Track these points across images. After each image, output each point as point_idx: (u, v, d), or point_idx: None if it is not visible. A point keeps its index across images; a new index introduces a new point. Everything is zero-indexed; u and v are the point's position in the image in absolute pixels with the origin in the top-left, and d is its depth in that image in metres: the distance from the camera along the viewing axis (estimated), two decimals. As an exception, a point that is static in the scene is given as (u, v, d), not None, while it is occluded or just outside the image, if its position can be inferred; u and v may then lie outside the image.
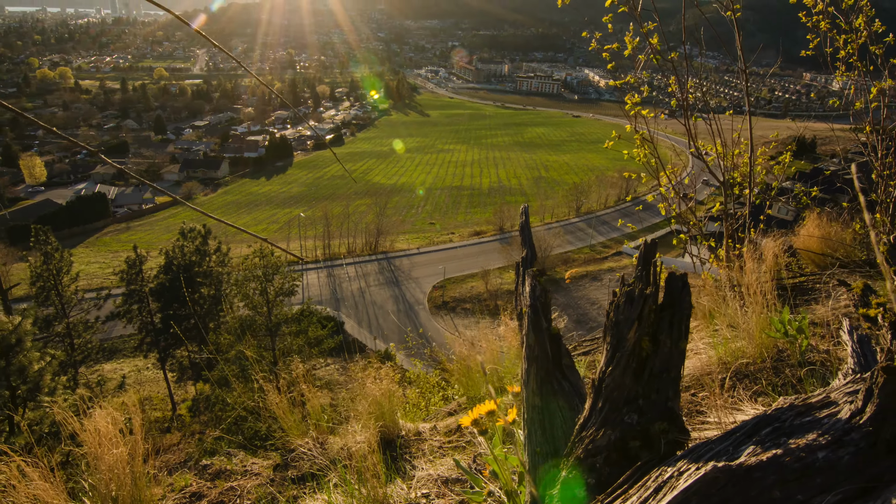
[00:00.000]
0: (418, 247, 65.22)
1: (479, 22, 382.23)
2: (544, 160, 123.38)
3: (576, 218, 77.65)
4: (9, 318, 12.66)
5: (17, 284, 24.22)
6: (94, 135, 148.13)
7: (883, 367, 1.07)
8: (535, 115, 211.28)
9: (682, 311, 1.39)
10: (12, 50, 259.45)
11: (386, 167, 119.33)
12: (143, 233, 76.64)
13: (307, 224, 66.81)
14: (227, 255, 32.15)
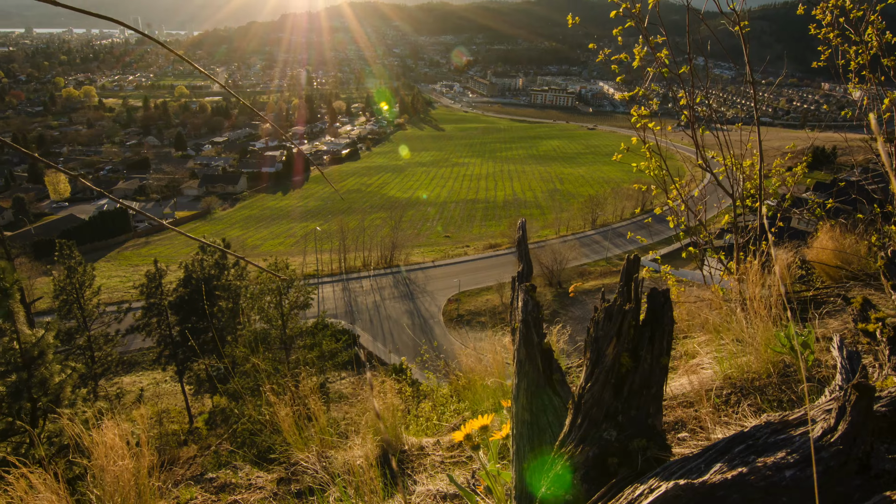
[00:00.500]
0: (433, 260, 65.31)
1: (492, 37, 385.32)
2: (559, 173, 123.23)
3: (591, 230, 77.20)
4: (31, 331, 12.91)
5: (41, 298, 24.74)
6: (116, 151, 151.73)
7: (855, 385, 1.06)
8: (549, 127, 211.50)
9: (663, 327, 1.38)
10: (39, 70, 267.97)
11: (401, 181, 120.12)
12: (162, 247, 77.93)
13: (323, 238, 67.39)
14: (244, 268, 32.51)
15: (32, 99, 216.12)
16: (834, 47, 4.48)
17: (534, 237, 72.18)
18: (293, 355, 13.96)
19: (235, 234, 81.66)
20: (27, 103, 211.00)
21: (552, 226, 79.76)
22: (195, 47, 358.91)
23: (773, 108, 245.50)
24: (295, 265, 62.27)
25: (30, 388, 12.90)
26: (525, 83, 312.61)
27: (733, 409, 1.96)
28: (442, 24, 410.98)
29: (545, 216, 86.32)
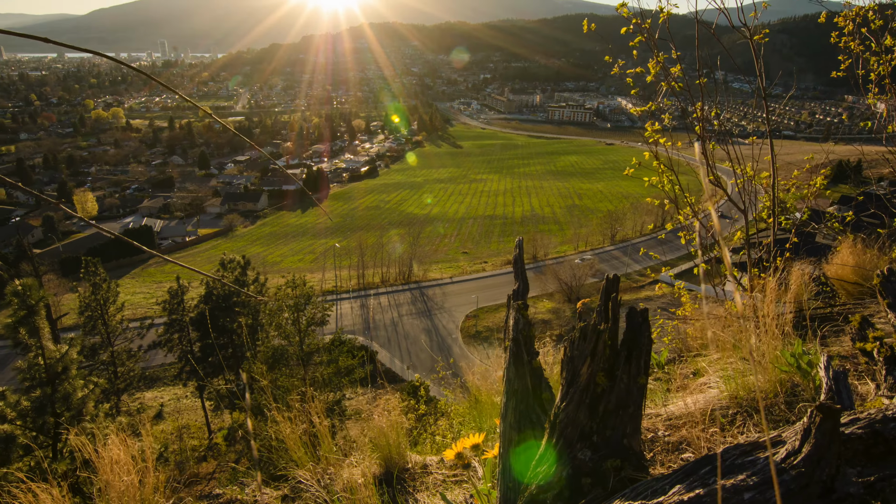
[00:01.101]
0: (451, 276, 65.29)
1: (510, 54, 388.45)
2: (577, 188, 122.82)
3: (610, 246, 76.54)
4: (56, 346, 13.20)
5: (66, 314, 25.29)
6: (142, 170, 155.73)
7: (818, 406, 1.05)
8: (567, 143, 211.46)
9: (640, 347, 1.36)
10: (70, 93, 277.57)
11: (419, 198, 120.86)
12: (186, 264, 79.26)
13: (342, 254, 67.92)
14: (264, 285, 32.87)
15: (63, 121, 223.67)
16: (855, 57, 4.42)
17: (552, 253, 71.79)
18: (310, 372, 14.03)
19: (256, 250, 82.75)
20: (58, 125, 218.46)
21: (571, 241, 79.33)
22: (219, 69, 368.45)
23: (796, 122, 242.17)
24: (314, 281, 62.83)
25: (53, 402, 13.14)
26: (542, 99, 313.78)
27: (739, 429, 1.91)
28: (459, 44, 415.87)
29: (563, 232, 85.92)
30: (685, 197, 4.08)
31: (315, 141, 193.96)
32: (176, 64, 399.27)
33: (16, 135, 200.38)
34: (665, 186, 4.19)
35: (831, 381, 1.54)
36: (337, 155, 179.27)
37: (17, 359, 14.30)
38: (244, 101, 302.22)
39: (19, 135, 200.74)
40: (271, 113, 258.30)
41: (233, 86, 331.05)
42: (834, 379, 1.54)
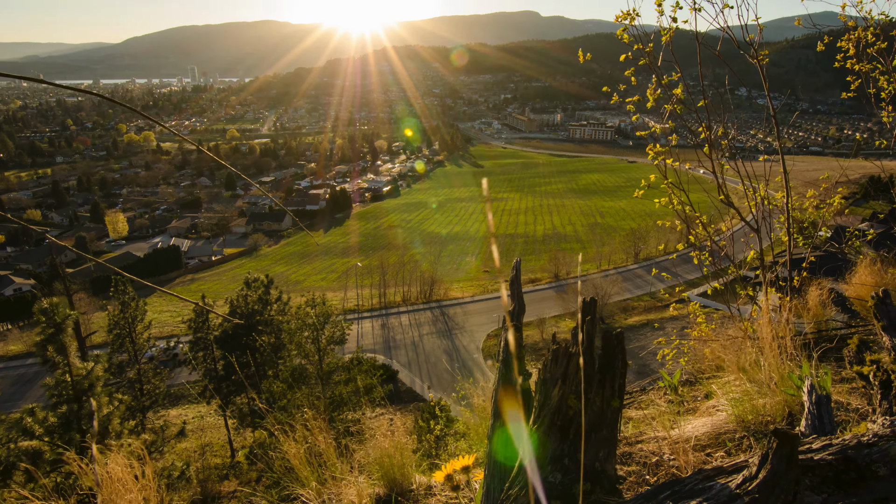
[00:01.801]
0: (472, 295, 65.09)
1: (530, 75, 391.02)
2: (600, 206, 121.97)
3: (634, 264, 75.54)
4: (83, 363, 13.52)
5: (95, 332, 25.91)
6: (171, 192, 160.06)
7: (774, 431, 1.04)
8: (588, 161, 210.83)
9: (614, 370, 1.35)
10: (104, 118, 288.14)
11: (441, 216, 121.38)
12: (211, 283, 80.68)
13: (364, 273, 68.38)
14: (286, 304, 33.21)
15: (97, 144, 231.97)
16: (864, 76, 4.38)
17: (575, 272, 71.15)
18: (329, 390, 14.08)
19: (280, 269, 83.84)
20: (92, 148, 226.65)
21: (593, 260, 78.56)
22: (246, 93, 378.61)
23: (823, 137, 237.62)
24: (336, 300, 63.34)
25: (79, 419, 13.41)
26: (563, 118, 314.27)
27: (745, 453, 1.87)
28: (480, 65, 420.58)
29: (586, 250, 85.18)
30: (696, 215, 4.04)
31: (339, 162, 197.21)
32: (205, 89, 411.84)
33: (52, 158, 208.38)
34: (676, 206, 4.16)
35: (813, 405, 1.51)
36: (360, 175, 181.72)
37: (45, 375, 14.67)
38: (270, 123, 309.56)
39: (56, 158, 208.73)
40: (296, 135, 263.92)
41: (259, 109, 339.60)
42: (816, 403, 1.51)
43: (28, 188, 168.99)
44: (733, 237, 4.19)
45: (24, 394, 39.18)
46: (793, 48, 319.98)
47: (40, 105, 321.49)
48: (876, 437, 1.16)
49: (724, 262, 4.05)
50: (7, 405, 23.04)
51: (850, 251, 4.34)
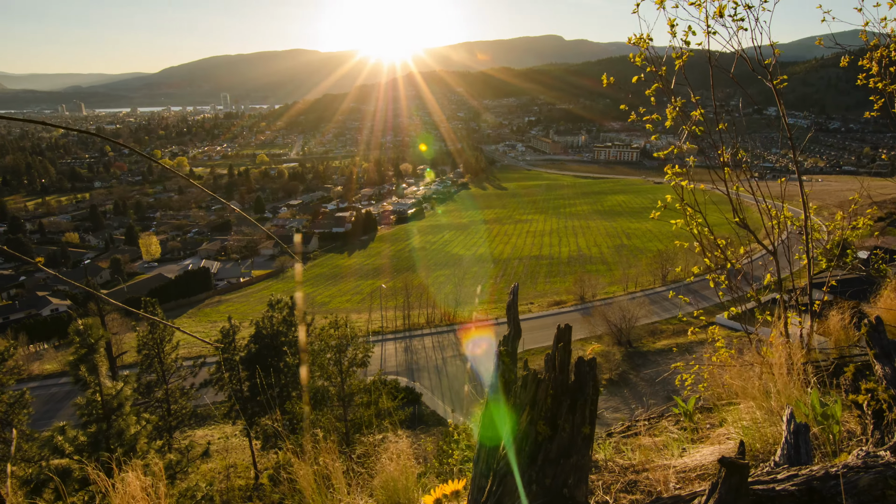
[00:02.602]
0: (496, 317, 64.64)
1: (554, 97, 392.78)
2: (626, 228, 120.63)
3: (662, 287, 74.13)
4: (112, 383, 13.85)
5: (125, 352, 26.49)
6: (203, 215, 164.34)
7: (720, 460, 1.04)
8: (614, 182, 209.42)
9: (585, 396, 1.34)
10: (140, 143, 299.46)
11: (465, 238, 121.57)
12: (239, 304, 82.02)
13: (388, 295, 68.66)
14: (311, 325, 33.46)
15: (133, 170, 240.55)
16: (888, 96, 4.30)
17: (601, 294, 70.16)
18: (351, 413, 14.07)
19: (306, 291, 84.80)
20: (128, 174, 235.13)
21: (620, 282, 77.43)
22: (275, 119, 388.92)
23: (857, 156, 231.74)
24: (360, 322, 63.64)
25: (108, 438, 13.67)
26: (588, 140, 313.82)
27: (751, 483, 1.82)
28: (504, 89, 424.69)
29: (612, 272, 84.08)
30: (711, 237, 3.99)
31: (364, 185, 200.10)
32: (237, 115, 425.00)
33: (90, 183, 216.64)
34: (694, 229, 4.13)
35: (791, 434, 1.47)
36: (385, 198, 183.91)
37: (77, 394, 15.05)
38: (298, 148, 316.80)
39: (94, 183, 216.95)
40: (324, 159, 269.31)
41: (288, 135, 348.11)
42: (794, 433, 1.47)
43: (67, 212, 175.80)
44: (751, 260, 4.12)
45: (56, 412, 40.16)
46: (822, 66, 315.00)
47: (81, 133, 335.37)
48: (846, 468, 1.12)
49: (743, 286, 3.98)
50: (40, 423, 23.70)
51: (877, 274, 4.22)
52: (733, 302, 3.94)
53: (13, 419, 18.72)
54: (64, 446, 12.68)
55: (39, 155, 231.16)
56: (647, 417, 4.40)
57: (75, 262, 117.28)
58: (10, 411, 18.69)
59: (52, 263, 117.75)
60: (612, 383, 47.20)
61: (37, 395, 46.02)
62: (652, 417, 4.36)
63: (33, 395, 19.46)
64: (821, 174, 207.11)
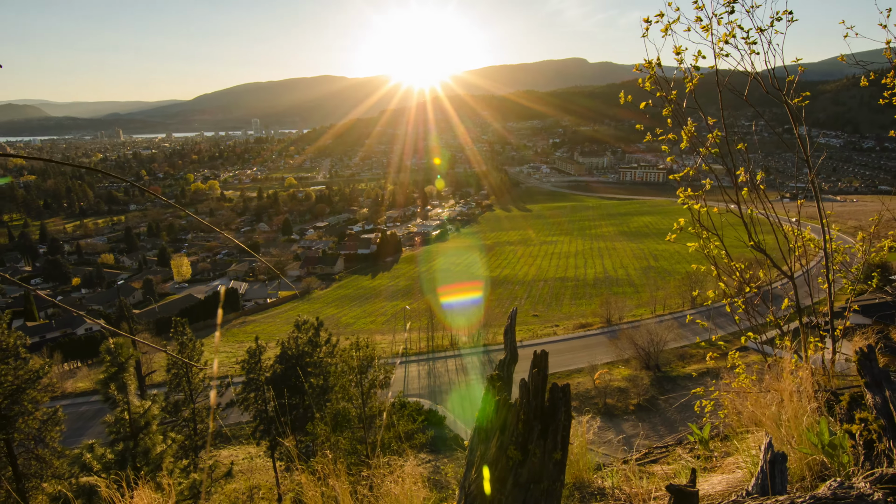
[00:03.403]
0: (520, 340, 63.96)
1: (578, 119, 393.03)
2: (653, 249, 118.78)
3: (691, 310, 72.48)
4: (140, 402, 14.13)
5: (155, 371, 27.00)
6: (232, 236, 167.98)
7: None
8: (640, 204, 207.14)
9: (557, 423, 1.33)
10: (174, 168, 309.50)
11: (489, 260, 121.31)
12: (265, 324, 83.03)
13: (412, 316, 68.69)
14: (335, 346, 33.65)
15: (167, 193, 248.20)
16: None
17: (628, 316, 68.92)
18: (371, 435, 14.03)
19: (331, 312, 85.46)
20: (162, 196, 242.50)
21: (647, 304, 75.98)
22: (304, 143, 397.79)
23: (894, 175, 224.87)
24: (385, 343, 63.68)
25: (134, 456, 13.90)
26: (613, 161, 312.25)
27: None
28: (528, 111, 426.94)
29: (639, 294, 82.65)
30: (726, 260, 3.93)
31: (389, 207, 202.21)
32: (266, 140, 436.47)
33: (126, 206, 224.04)
34: (712, 252, 4.07)
35: (767, 464, 1.43)
36: (410, 220, 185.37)
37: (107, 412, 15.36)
38: (325, 171, 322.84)
39: (129, 206, 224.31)
40: (350, 181, 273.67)
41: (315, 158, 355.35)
42: (770, 462, 1.43)
43: (103, 234, 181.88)
44: (771, 284, 4.03)
45: (87, 429, 40.99)
46: (853, 85, 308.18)
47: (118, 157, 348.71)
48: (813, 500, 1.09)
49: (761, 311, 3.90)
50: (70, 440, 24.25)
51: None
52: (752, 327, 3.86)
53: (46, 436, 19.17)
54: (92, 464, 12.92)
55: (79, 179, 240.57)
56: (664, 445, 4.30)
57: (110, 283, 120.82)
58: (44, 428, 19.13)
59: (88, 284, 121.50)
60: (641, 409, 46.05)
61: (69, 413, 47.07)
62: (669, 445, 4.27)
63: (65, 412, 19.91)
64: (856, 194, 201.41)
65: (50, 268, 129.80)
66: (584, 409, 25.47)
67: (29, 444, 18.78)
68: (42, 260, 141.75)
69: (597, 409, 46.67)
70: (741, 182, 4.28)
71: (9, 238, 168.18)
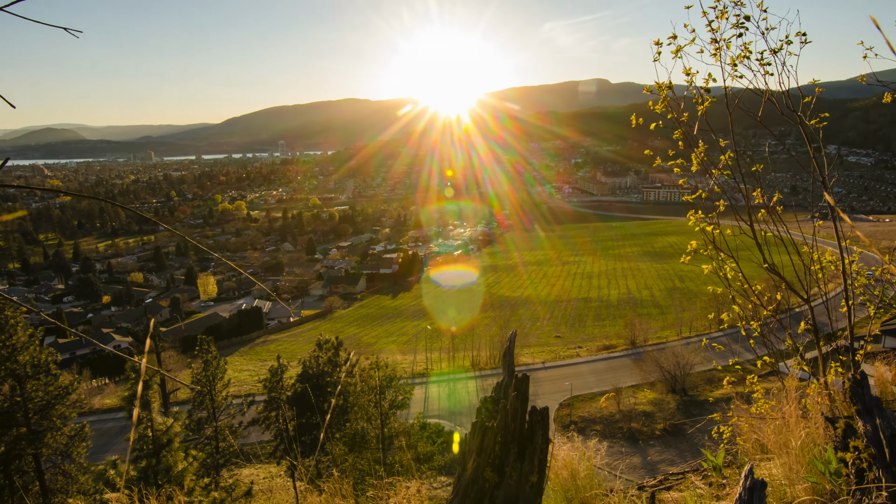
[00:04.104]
0: (543, 361, 63.18)
1: (601, 139, 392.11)
2: (678, 270, 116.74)
3: (718, 332, 70.74)
4: (163, 419, 14.32)
5: (178, 389, 27.36)
6: (257, 256, 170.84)
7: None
8: (665, 224, 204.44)
9: (534, 446, 1.33)
10: (203, 189, 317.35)
11: (511, 280, 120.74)
12: (288, 343, 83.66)
13: (434, 336, 68.52)
14: (355, 366, 33.67)
15: (195, 213, 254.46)
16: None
17: (653, 338, 67.62)
18: (390, 456, 13.95)
19: (353, 331, 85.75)
20: (191, 217, 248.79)
21: (673, 326, 74.45)
22: (328, 164, 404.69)
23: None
24: (406, 363, 63.52)
25: (156, 473, 14.04)
26: (636, 181, 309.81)
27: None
28: (550, 132, 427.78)
29: (665, 316, 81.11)
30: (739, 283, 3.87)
31: (412, 227, 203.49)
32: (292, 161, 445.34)
33: (156, 226, 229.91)
34: (727, 274, 4.02)
35: (745, 491, 1.40)
36: (432, 239, 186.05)
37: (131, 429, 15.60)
38: (349, 191, 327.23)
39: (158, 226, 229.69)
40: (373, 202, 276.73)
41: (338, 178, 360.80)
42: (749, 490, 1.40)
43: (134, 253, 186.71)
44: (790, 308, 3.95)
45: (112, 445, 41.60)
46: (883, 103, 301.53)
47: (150, 179, 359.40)
48: None
49: (779, 335, 3.82)
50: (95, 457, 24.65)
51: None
52: (771, 352, 3.78)
53: (73, 451, 19.50)
54: (115, 480, 13.09)
55: (112, 200, 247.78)
56: (681, 472, 4.21)
57: (138, 301, 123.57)
58: (71, 443, 19.47)
59: (117, 302, 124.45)
60: (667, 434, 44.86)
61: (95, 429, 47.92)
62: (686, 472, 4.17)
63: (92, 428, 20.27)
64: (889, 213, 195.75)
65: (82, 286, 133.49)
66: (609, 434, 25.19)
67: (56, 459, 19.13)
68: (75, 278, 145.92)
69: (622, 434, 45.62)
70: (757, 204, 4.24)
71: (44, 257, 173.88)
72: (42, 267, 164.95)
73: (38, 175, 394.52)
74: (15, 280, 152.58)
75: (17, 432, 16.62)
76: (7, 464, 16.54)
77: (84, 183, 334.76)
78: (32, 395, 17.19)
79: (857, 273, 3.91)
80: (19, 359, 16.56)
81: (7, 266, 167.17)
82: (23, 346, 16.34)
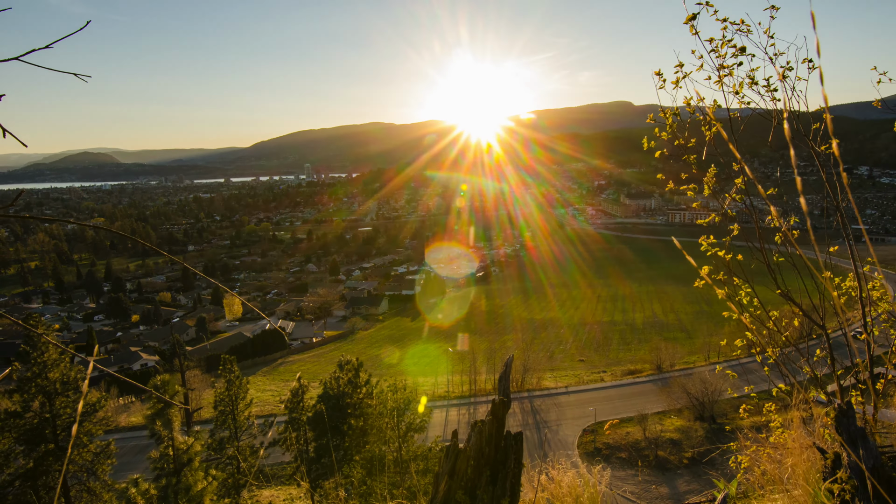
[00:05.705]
0: (566, 385, 62.14)
1: (624, 160, 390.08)
2: (705, 293, 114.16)
3: (747, 358, 68.71)
4: (184, 438, 14.49)
5: (201, 408, 27.66)
6: (282, 277, 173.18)
7: None
8: (691, 246, 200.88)
9: (507, 470, 1.32)
10: (230, 211, 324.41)
11: (534, 302, 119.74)
12: (310, 364, 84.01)
13: (455, 359, 68.04)
14: (375, 387, 33.61)
15: (223, 234, 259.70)
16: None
17: (679, 363, 66.04)
18: (408, 480, 13.80)
19: (374, 353, 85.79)
20: (218, 238, 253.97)
21: (700, 351, 72.63)
22: (352, 186, 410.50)
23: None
24: (427, 385, 63.12)
25: (176, 493, 14.15)
26: (661, 202, 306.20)
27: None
28: (573, 154, 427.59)
29: (692, 340, 79.22)
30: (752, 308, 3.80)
31: (434, 248, 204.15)
32: (317, 184, 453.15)
33: (185, 247, 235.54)
34: (742, 300, 3.96)
35: None
36: (454, 261, 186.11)
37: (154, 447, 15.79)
38: (372, 213, 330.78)
39: (188, 247, 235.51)
40: (396, 223, 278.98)
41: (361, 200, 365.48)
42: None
43: (163, 273, 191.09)
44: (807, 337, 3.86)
45: (136, 463, 42.04)
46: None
47: (181, 201, 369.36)
48: None
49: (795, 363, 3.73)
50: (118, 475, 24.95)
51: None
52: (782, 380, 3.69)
53: (98, 468, 19.77)
54: (136, 499, 13.23)
55: (143, 221, 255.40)
56: (696, 502, 4.10)
57: (166, 320, 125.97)
58: (96, 460, 19.76)
59: (146, 321, 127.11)
60: (694, 463, 43.47)
61: (120, 446, 48.58)
62: (703, 502, 4.06)
63: (117, 445, 20.57)
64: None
65: (112, 305, 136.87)
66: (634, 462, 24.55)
67: (82, 476, 19.42)
68: (106, 297, 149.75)
69: (647, 462, 44.36)
70: (772, 227, 4.19)
71: (77, 276, 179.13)
72: (75, 286, 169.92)
73: (75, 197, 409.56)
74: (49, 298, 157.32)
75: (44, 448, 16.98)
76: (34, 479, 16.88)
77: (118, 205, 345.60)
78: (61, 412, 17.58)
79: (877, 299, 3.82)
80: (49, 376, 17.00)
81: (42, 285, 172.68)
82: (53, 364, 16.79)
